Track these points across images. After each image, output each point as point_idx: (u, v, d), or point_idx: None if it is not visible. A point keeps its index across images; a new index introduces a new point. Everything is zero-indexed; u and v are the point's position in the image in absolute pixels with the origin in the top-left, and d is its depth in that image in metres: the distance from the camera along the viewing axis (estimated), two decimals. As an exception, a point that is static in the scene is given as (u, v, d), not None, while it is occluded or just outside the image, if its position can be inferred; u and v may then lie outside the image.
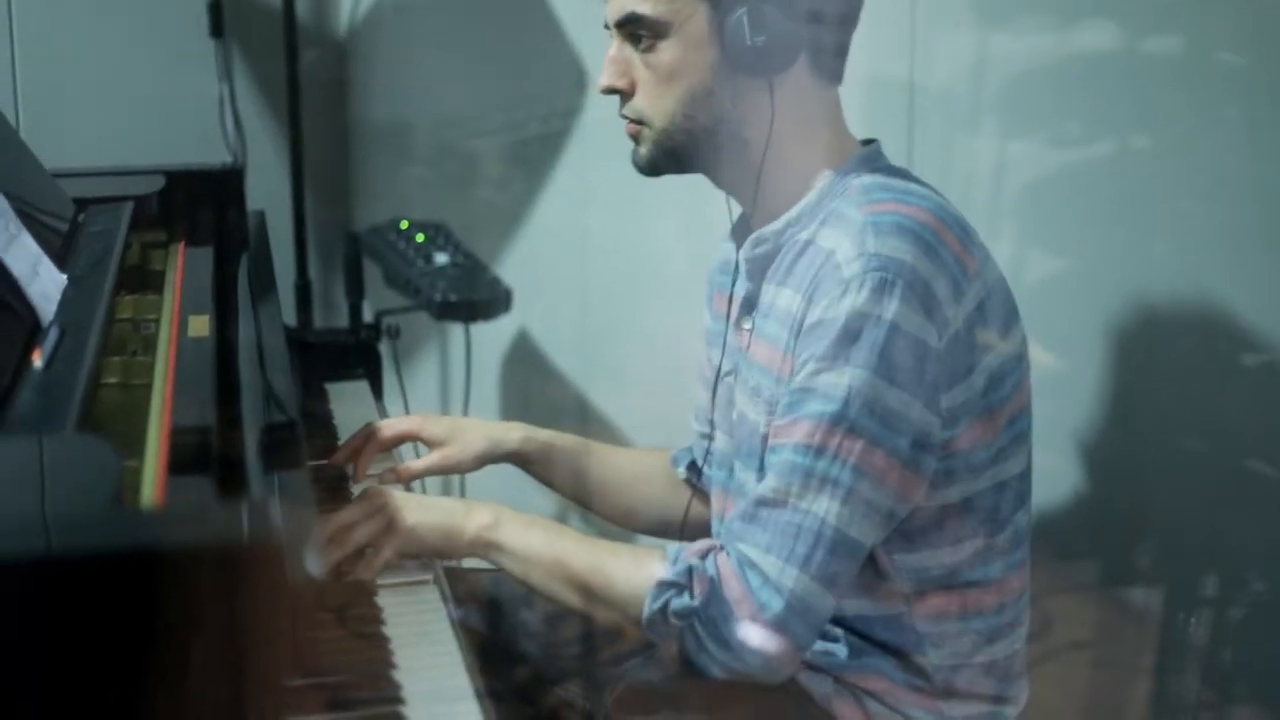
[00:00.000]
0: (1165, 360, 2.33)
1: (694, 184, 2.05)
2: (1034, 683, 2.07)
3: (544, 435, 2.34)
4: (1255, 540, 2.24)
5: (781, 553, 1.82)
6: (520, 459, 2.33)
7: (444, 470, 2.36)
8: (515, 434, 2.32)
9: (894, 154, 2.04)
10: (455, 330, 3.55)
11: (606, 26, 2.01)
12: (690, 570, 1.86)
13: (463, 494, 3.44)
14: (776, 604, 1.82)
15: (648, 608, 1.87)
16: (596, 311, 3.52)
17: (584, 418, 3.53)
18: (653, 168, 2.01)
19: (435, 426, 2.34)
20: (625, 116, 2.01)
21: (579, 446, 2.36)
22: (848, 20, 1.99)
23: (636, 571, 1.91)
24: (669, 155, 1.99)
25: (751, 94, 1.94)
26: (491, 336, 3.56)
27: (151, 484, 1.39)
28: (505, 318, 3.32)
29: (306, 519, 1.84)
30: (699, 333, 2.25)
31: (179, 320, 1.93)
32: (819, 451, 1.82)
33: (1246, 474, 2.24)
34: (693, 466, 2.29)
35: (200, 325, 1.88)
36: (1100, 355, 2.39)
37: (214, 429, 1.50)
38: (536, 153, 3.62)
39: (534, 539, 1.98)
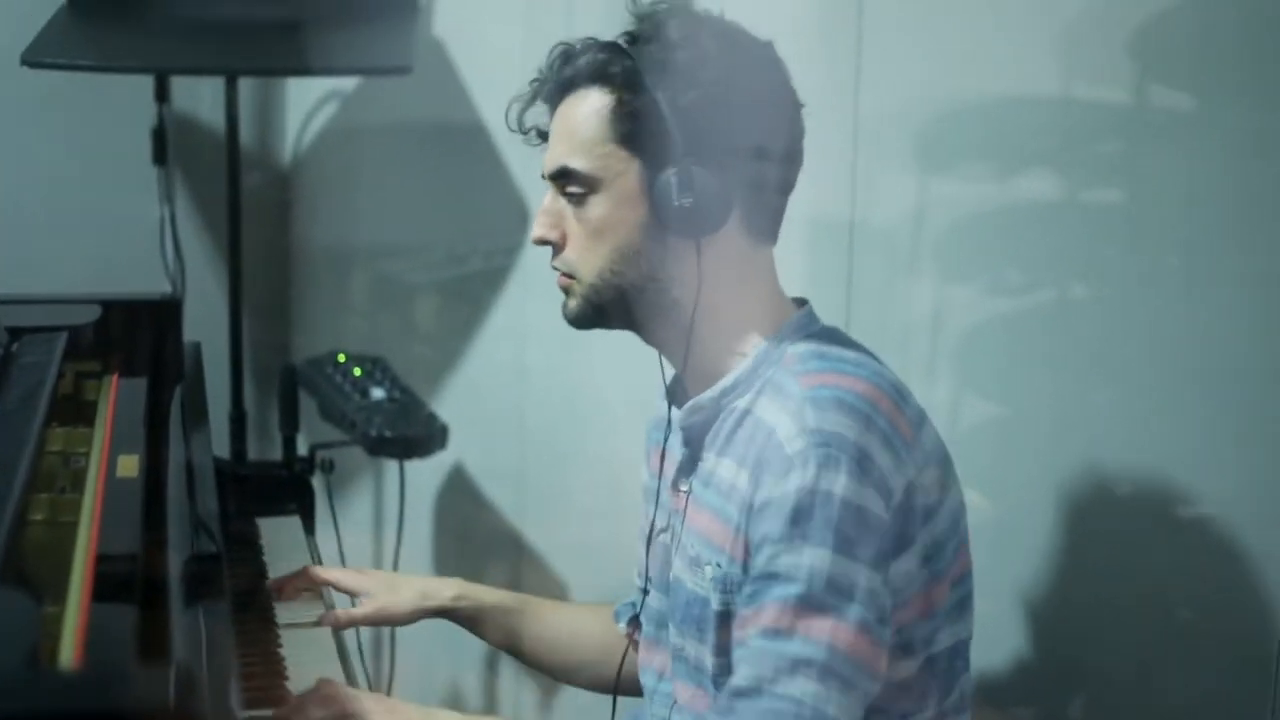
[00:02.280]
0: (1102, 508, 2.33)
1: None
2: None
3: (478, 594, 2.33)
4: (1191, 692, 2.23)
5: None
6: (453, 616, 2.32)
7: (376, 622, 2.35)
8: (448, 591, 2.32)
9: (834, 296, 2.04)
10: (390, 465, 3.53)
11: (544, 177, 2.00)
12: None
13: (393, 643, 3.41)
14: None
15: None
16: (534, 447, 3.50)
17: (519, 554, 3.51)
18: (581, 321, 1.99)
19: (369, 580, 2.34)
20: (556, 268, 1.99)
21: (514, 605, 2.35)
22: (784, 184, 1.99)
23: None
24: (597, 310, 1.98)
25: (681, 253, 1.93)
26: (427, 471, 3.54)
27: (72, 632, 1.36)
28: (443, 453, 3.30)
29: (227, 656, 1.80)
30: (636, 469, 2.24)
31: (108, 457, 1.91)
32: (789, 634, 1.80)
33: (1183, 625, 2.24)
34: (634, 621, 2.27)
35: (129, 465, 1.86)
36: (1036, 503, 2.38)
37: (138, 574, 1.48)
38: (477, 287, 3.62)
39: None
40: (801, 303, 2.03)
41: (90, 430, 2.11)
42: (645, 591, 2.16)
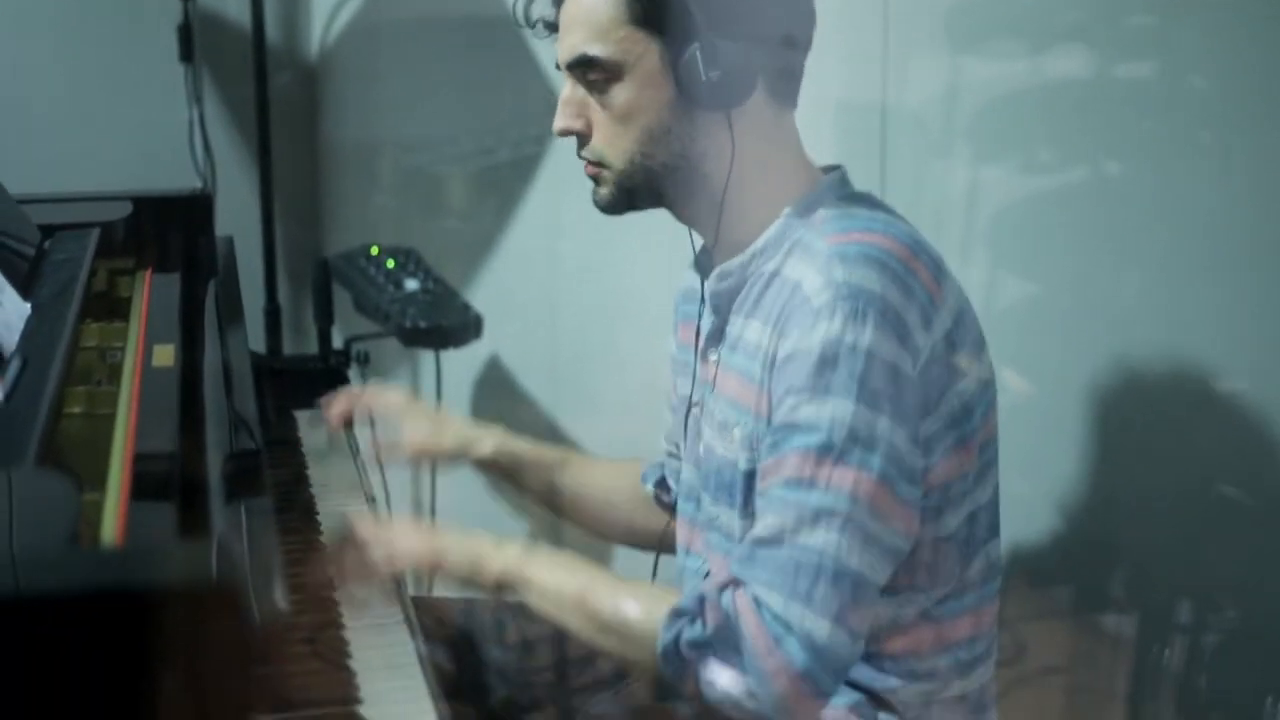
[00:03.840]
0: (1137, 386, 2.33)
1: (663, 211, 2.03)
2: (1007, 709, 2.06)
3: (517, 448, 2.35)
4: (1230, 567, 2.23)
5: (784, 589, 1.77)
6: (493, 467, 2.34)
7: (419, 451, 2.35)
8: (490, 442, 2.34)
9: (867, 178, 2.03)
10: (426, 356, 3.54)
11: (558, 67, 1.98)
12: (703, 599, 1.82)
13: (433, 499, 3.43)
14: (792, 647, 1.76)
15: (662, 639, 1.82)
16: (567, 337, 3.50)
17: (555, 443, 3.52)
18: (613, 207, 1.98)
19: (418, 416, 2.37)
20: (584, 158, 1.98)
21: (552, 460, 2.37)
22: (801, 44, 1.97)
23: (653, 607, 1.87)
24: (630, 194, 1.96)
25: (710, 128, 1.92)
26: (462, 362, 3.55)
27: (113, 519, 1.37)
28: (476, 343, 3.30)
29: (269, 548, 1.82)
30: (667, 358, 2.24)
31: (144, 349, 1.92)
32: (811, 483, 1.78)
33: (1220, 500, 2.24)
34: (661, 483, 2.28)
35: (165, 355, 1.86)
36: (1072, 380, 2.38)
37: (177, 462, 1.49)
38: (508, 178, 3.61)
39: (560, 576, 1.95)
40: (831, 169, 2.02)
41: (125, 325, 2.12)
42: (678, 457, 2.17)
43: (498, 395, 3.69)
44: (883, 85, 2.61)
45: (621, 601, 1.90)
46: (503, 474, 2.36)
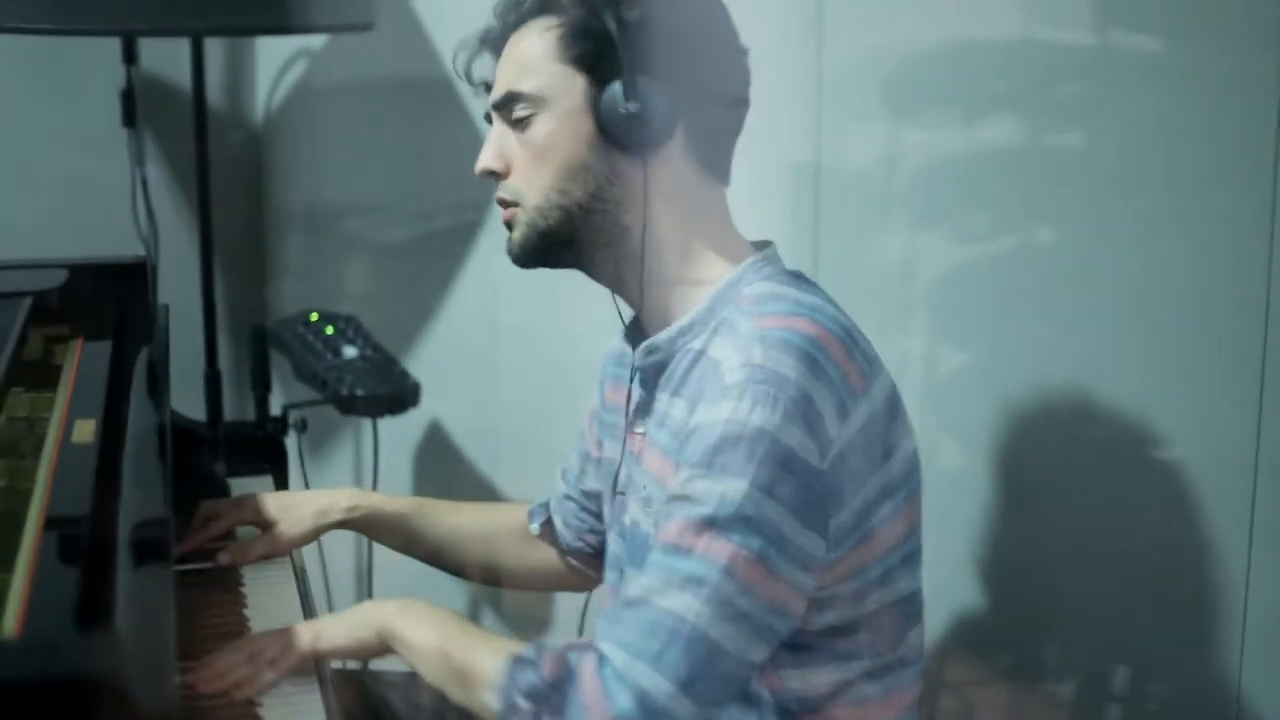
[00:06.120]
0: (1072, 454, 2.34)
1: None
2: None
3: (372, 500, 2.35)
4: (1162, 636, 2.24)
5: (632, 648, 1.76)
6: (351, 526, 2.33)
7: (276, 549, 2.33)
8: (342, 502, 2.33)
9: (802, 245, 2.03)
10: (364, 423, 3.53)
11: (488, 117, 1.99)
12: (541, 648, 1.81)
13: (370, 558, 3.42)
14: (623, 699, 1.74)
15: (501, 684, 1.81)
16: (507, 402, 3.50)
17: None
18: (526, 253, 1.97)
19: (264, 508, 2.34)
20: (501, 200, 1.98)
21: (410, 509, 2.36)
22: (731, 122, 1.99)
23: (502, 659, 1.85)
24: (542, 237, 1.95)
25: (628, 174, 1.92)
26: (402, 429, 3.54)
27: (17, 601, 1.36)
28: (417, 410, 3.29)
29: (168, 624, 1.78)
30: (588, 412, 2.25)
31: (66, 424, 1.91)
32: (687, 551, 1.77)
33: (1156, 568, 2.24)
34: (548, 523, 2.28)
35: (85, 430, 1.85)
36: (1008, 448, 2.39)
37: (84, 544, 1.47)
38: (448, 244, 3.61)
39: (424, 630, 1.93)
40: (763, 245, 2.02)
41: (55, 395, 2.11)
42: (571, 499, 2.22)
43: (438, 461, 3.68)
44: (817, 152, 2.62)
45: (475, 652, 1.88)
46: (363, 531, 2.36)
